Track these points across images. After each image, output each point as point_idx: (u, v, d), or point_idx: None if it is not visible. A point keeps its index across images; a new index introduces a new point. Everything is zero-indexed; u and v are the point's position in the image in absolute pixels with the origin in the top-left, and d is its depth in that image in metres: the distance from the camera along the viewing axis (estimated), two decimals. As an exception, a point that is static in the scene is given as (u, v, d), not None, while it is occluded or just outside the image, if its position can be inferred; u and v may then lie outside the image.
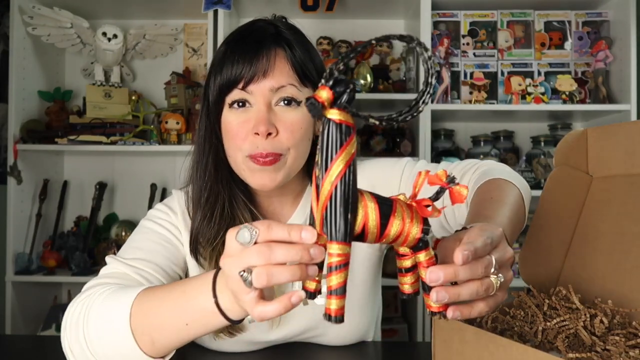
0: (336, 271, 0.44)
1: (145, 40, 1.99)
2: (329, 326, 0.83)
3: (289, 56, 0.78)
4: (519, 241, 1.87)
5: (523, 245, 0.74)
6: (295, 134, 0.77)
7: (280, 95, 0.76)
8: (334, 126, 0.43)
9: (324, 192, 0.43)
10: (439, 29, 1.91)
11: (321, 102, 0.42)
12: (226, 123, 0.78)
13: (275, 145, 0.76)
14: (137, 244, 0.82)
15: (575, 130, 0.82)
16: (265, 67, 0.75)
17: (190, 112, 1.88)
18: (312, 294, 0.48)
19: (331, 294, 0.44)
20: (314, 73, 0.80)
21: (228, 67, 0.76)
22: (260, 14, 2.22)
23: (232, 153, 0.79)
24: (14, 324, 1.78)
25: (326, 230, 0.44)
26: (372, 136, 1.89)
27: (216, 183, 0.81)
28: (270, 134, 0.75)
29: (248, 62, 0.75)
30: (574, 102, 1.83)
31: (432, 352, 0.64)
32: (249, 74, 0.75)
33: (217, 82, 0.78)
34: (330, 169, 0.43)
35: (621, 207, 0.69)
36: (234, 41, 0.80)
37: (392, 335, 1.88)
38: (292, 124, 0.76)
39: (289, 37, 0.80)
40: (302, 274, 0.46)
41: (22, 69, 1.83)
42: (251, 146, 0.75)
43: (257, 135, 0.75)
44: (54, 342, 0.98)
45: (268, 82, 0.75)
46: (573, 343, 0.56)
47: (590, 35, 1.90)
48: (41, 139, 1.82)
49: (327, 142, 0.43)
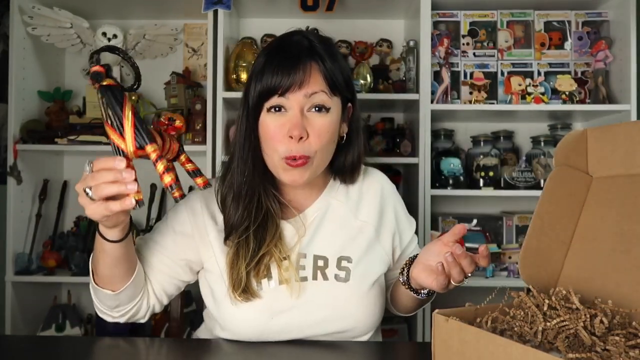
0: (160, 160, 0.71)
1: (145, 40, 1.99)
2: (348, 311, 0.92)
3: (321, 69, 0.90)
4: (518, 241, 1.88)
5: (523, 245, 0.74)
6: (323, 139, 0.89)
7: (313, 101, 0.89)
8: (114, 88, 0.70)
9: (128, 124, 0.70)
10: (439, 29, 1.91)
11: (102, 72, 0.70)
12: (264, 125, 0.90)
13: (306, 148, 0.88)
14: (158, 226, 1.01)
15: (575, 130, 0.82)
16: (302, 79, 0.87)
17: (190, 112, 1.87)
18: (141, 202, 0.70)
19: (164, 173, 0.71)
20: (342, 83, 0.93)
21: (268, 77, 0.88)
22: (260, 14, 2.22)
23: (269, 152, 0.91)
24: (14, 324, 1.78)
25: (138, 144, 0.71)
26: (372, 136, 1.89)
27: (254, 177, 0.93)
28: (302, 137, 0.87)
29: (286, 74, 0.87)
30: (574, 102, 1.83)
31: (432, 352, 0.64)
32: (287, 83, 0.87)
33: (258, 89, 0.90)
34: (125, 110, 0.70)
35: (621, 207, 0.69)
36: (273, 53, 0.92)
37: (392, 335, 1.88)
38: (320, 128, 0.89)
39: (321, 51, 0.92)
40: (122, 188, 0.70)
41: (22, 69, 1.83)
42: (286, 149, 0.88)
43: (290, 139, 0.87)
44: (54, 342, 0.98)
45: (303, 91, 0.88)
46: (573, 343, 0.56)
47: (590, 35, 1.90)
48: (41, 139, 1.82)
49: (114, 98, 0.70)
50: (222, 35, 1.74)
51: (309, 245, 0.95)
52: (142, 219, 1.98)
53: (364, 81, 1.83)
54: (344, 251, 0.95)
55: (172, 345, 0.96)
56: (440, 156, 1.85)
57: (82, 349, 0.86)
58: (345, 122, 0.98)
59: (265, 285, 0.90)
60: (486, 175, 1.82)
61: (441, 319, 0.62)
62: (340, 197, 1.01)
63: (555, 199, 0.74)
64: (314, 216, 0.98)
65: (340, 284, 0.92)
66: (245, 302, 0.88)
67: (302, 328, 0.90)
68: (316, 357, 0.82)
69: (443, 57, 1.84)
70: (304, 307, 0.90)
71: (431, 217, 1.77)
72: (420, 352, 0.86)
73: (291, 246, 0.94)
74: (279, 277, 0.91)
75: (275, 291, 0.90)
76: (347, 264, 0.94)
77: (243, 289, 0.88)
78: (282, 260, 0.91)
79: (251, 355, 0.83)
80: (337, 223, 0.98)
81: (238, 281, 0.88)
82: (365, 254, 0.96)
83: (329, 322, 0.91)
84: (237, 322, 0.90)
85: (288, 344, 0.88)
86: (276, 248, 0.91)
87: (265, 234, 0.92)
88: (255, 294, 0.89)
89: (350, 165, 1.00)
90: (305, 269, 0.93)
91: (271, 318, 0.89)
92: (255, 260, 0.89)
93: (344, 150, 0.99)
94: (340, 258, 0.94)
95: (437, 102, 1.81)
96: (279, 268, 0.91)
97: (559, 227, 0.74)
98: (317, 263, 0.93)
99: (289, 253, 0.93)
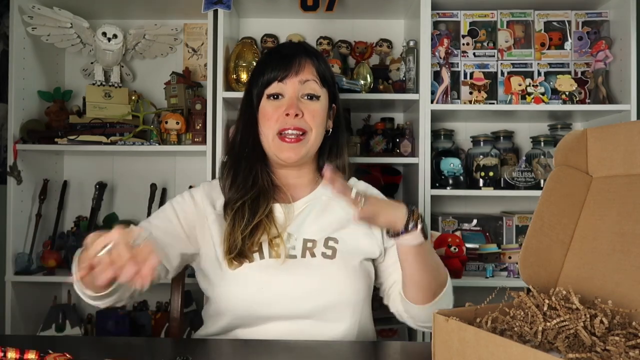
0: None
1: (145, 40, 1.99)
2: (334, 285, 0.99)
3: (314, 63, 1.06)
4: (518, 241, 1.88)
5: (523, 245, 0.74)
6: (316, 118, 1.04)
7: (306, 89, 1.04)
8: None
9: None
10: (439, 29, 1.91)
11: None
12: (264, 109, 1.05)
13: (301, 123, 1.02)
14: None
15: (575, 130, 0.82)
16: (297, 69, 1.03)
17: (190, 112, 1.87)
18: None
19: None
20: (330, 80, 1.09)
21: (269, 68, 1.04)
22: (260, 14, 2.23)
23: (265, 131, 1.04)
24: (14, 324, 1.78)
25: None
26: (372, 136, 1.89)
27: (254, 157, 1.06)
28: (297, 115, 1.01)
29: (284, 66, 1.03)
30: (574, 102, 1.83)
31: (432, 352, 0.64)
32: (285, 72, 1.03)
33: (260, 79, 1.05)
34: None
35: (621, 207, 0.69)
36: (272, 52, 1.13)
37: (392, 335, 1.87)
38: (313, 110, 1.04)
39: (313, 52, 1.10)
40: None
41: (22, 69, 1.83)
42: (281, 124, 1.02)
43: (287, 116, 1.01)
44: (53, 342, 0.98)
45: (298, 77, 1.03)
46: (573, 343, 0.56)
47: (590, 35, 1.90)
48: (41, 139, 1.82)
49: None
50: (222, 35, 1.74)
51: (298, 230, 1.03)
52: (142, 219, 1.96)
53: (364, 81, 1.83)
54: (331, 233, 1.03)
55: (172, 345, 0.96)
56: (440, 156, 1.85)
57: (82, 349, 0.86)
58: (331, 119, 1.11)
59: (257, 258, 0.98)
60: (486, 175, 1.82)
61: (441, 319, 0.62)
62: (330, 194, 1.03)
63: (555, 199, 0.74)
64: (304, 207, 1.06)
65: (327, 260, 1.00)
66: (239, 267, 0.96)
67: (290, 299, 0.97)
68: (316, 357, 0.82)
69: (443, 57, 1.84)
70: (292, 280, 0.97)
71: (431, 217, 1.77)
72: (420, 352, 0.86)
73: (280, 227, 1.02)
74: (269, 251, 0.99)
75: (265, 265, 0.98)
76: (334, 244, 1.02)
77: (238, 252, 0.96)
78: (273, 239, 0.99)
79: (251, 354, 0.83)
80: (326, 212, 1.06)
81: (234, 246, 0.97)
82: (352, 237, 1.04)
83: (316, 295, 0.97)
84: (228, 294, 0.96)
85: (288, 345, 0.88)
86: (268, 222, 1.01)
87: (258, 207, 1.01)
88: (249, 257, 0.97)
89: (335, 156, 1.11)
90: (295, 249, 1.01)
91: (261, 288, 0.96)
92: (250, 227, 0.98)
93: (329, 145, 1.11)
94: (327, 238, 1.03)
95: (437, 102, 1.81)
96: (270, 243, 0.99)
97: (559, 227, 0.74)
98: (306, 245, 1.02)
99: (280, 231, 1.01)
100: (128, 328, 1.84)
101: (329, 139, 1.11)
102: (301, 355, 0.83)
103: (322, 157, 1.12)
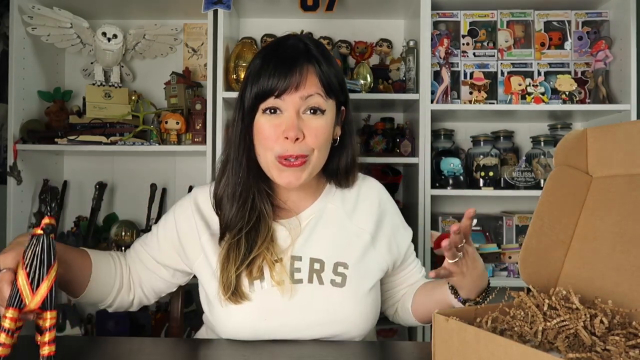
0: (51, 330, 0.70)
1: (145, 40, 1.99)
2: (343, 316, 0.91)
3: (317, 72, 0.90)
4: (518, 241, 1.88)
5: (523, 245, 0.74)
6: (319, 138, 0.90)
7: (308, 104, 0.89)
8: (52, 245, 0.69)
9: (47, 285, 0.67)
10: (438, 29, 1.91)
11: (54, 226, 0.69)
12: (259, 126, 0.91)
13: (302, 148, 0.89)
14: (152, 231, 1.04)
15: (575, 130, 0.82)
16: (298, 81, 0.87)
17: (190, 112, 1.87)
18: None
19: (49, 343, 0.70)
20: (337, 86, 0.94)
21: (264, 79, 0.88)
22: (260, 14, 2.22)
23: (262, 152, 0.91)
24: (14, 324, 1.78)
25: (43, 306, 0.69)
26: (372, 136, 1.89)
27: (248, 179, 0.94)
28: (298, 139, 0.87)
29: (283, 76, 0.87)
30: (573, 102, 1.83)
31: (432, 352, 0.64)
32: (283, 85, 0.87)
33: (254, 91, 0.90)
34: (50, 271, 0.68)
35: (621, 207, 0.69)
36: (269, 55, 0.92)
37: (392, 335, 1.88)
38: (316, 129, 0.90)
39: (317, 54, 0.92)
40: None
41: (22, 69, 1.83)
42: (281, 148, 0.88)
43: (286, 140, 0.87)
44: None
45: (299, 93, 0.88)
46: (573, 343, 0.56)
47: (590, 35, 1.90)
48: (41, 139, 1.82)
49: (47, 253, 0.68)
50: (222, 35, 1.74)
51: (304, 248, 0.94)
52: (142, 219, 1.98)
53: (364, 81, 1.83)
54: (340, 257, 0.95)
55: (172, 345, 0.95)
56: (440, 156, 1.85)
57: (82, 349, 0.86)
58: (339, 125, 0.99)
59: (258, 287, 0.90)
60: (486, 175, 1.82)
61: (441, 319, 0.62)
62: (336, 201, 1.01)
63: (555, 199, 0.74)
64: (309, 219, 0.98)
65: (336, 288, 0.92)
66: (235, 305, 0.89)
67: (295, 330, 0.90)
68: (315, 357, 0.82)
69: (443, 57, 1.84)
70: (297, 309, 0.90)
71: (431, 217, 1.77)
72: (420, 352, 0.86)
73: (284, 248, 0.94)
74: (271, 278, 0.90)
75: (267, 292, 0.90)
76: (344, 269, 0.93)
77: (232, 292, 0.88)
78: (274, 263, 0.91)
79: (251, 355, 0.83)
80: (333, 226, 0.98)
81: (227, 284, 0.89)
82: (361, 260, 0.96)
83: (323, 325, 0.91)
84: (228, 323, 0.90)
85: (287, 344, 0.88)
86: (268, 251, 0.91)
87: (257, 237, 0.92)
88: (244, 296, 0.89)
89: (344, 168, 1.00)
90: (300, 271, 0.92)
91: (264, 319, 0.89)
92: (246, 263, 0.90)
93: (337, 153, 0.99)
94: (337, 264, 0.94)
95: (437, 102, 1.81)
96: (271, 270, 0.91)
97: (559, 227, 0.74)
98: (313, 266, 0.93)
99: (282, 255, 0.93)
100: (128, 328, 1.84)
101: (338, 148, 0.99)
102: (301, 355, 0.83)
103: (330, 162, 0.99)
